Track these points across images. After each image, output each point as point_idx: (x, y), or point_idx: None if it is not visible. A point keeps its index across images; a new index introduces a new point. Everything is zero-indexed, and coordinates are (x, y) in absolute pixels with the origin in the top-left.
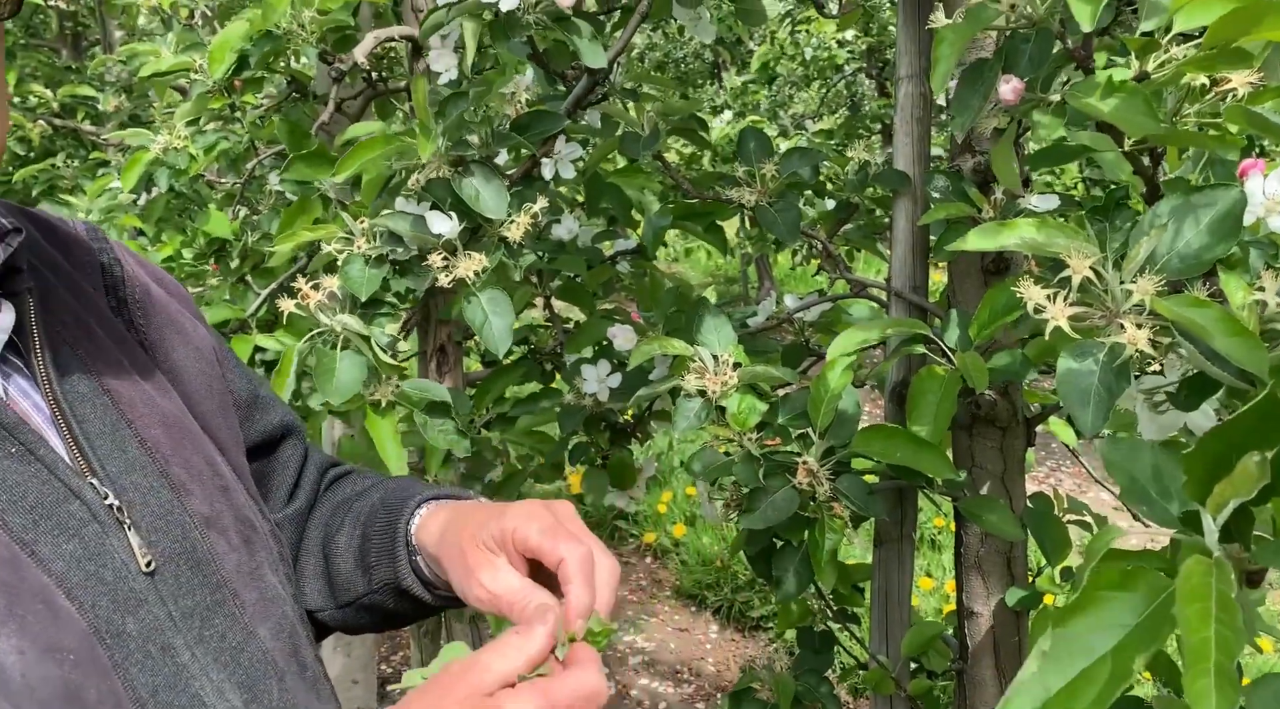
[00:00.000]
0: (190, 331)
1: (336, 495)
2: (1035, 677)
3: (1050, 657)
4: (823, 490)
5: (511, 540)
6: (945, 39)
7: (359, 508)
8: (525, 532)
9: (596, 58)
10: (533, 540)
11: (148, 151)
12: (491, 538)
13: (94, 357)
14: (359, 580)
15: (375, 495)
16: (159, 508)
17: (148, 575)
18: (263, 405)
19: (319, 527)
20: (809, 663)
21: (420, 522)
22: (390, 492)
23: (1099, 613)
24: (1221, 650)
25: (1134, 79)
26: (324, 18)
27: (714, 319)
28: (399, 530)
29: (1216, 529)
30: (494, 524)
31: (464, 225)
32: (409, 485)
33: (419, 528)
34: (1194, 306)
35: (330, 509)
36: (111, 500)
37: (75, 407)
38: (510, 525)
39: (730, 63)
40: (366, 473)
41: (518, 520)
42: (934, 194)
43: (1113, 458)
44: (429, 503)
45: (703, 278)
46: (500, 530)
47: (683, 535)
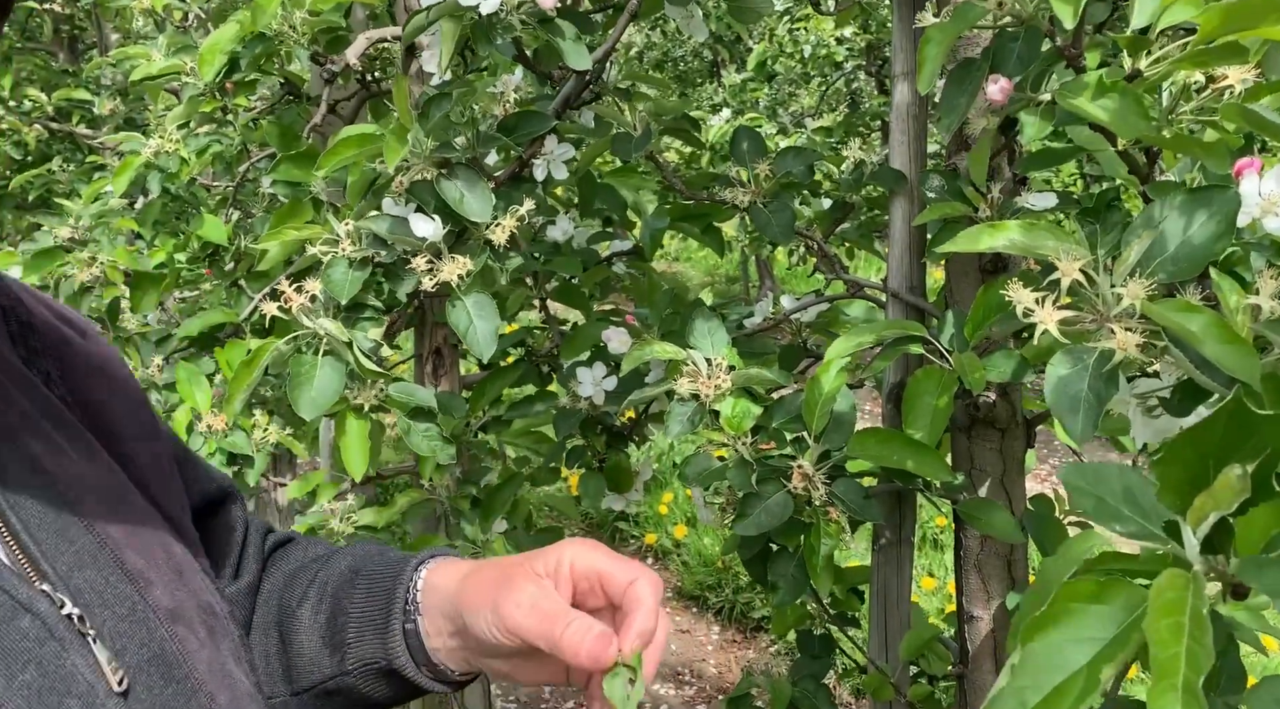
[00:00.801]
0: (116, 377)
1: (287, 564)
2: (1010, 690)
3: (1024, 670)
4: (818, 495)
5: (571, 568)
6: (932, 38)
7: (323, 577)
8: (589, 557)
9: (581, 59)
10: (600, 564)
11: (139, 155)
12: (543, 567)
13: (18, 427)
14: (325, 661)
15: (341, 562)
16: (122, 609)
17: (120, 696)
18: (195, 464)
19: (271, 601)
20: (807, 668)
21: (431, 573)
22: (364, 557)
23: (1074, 626)
24: (1191, 666)
25: (1126, 78)
26: (315, 19)
27: (707, 322)
28: (394, 595)
29: (1198, 542)
30: (549, 555)
31: (448, 228)
32: (386, 548)
33: (428, 581)
34: (1185, 312)
35: (284, 580)
36: (69, 609)
37: (7, 493)
38: (569, 553)
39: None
40: (314, 540)
41: (576, 547)
42: (929, 193)
43: (1075, 482)
44: (437, 558)
45: (703, 277)
46: (557, 559)
47: (684, 536)
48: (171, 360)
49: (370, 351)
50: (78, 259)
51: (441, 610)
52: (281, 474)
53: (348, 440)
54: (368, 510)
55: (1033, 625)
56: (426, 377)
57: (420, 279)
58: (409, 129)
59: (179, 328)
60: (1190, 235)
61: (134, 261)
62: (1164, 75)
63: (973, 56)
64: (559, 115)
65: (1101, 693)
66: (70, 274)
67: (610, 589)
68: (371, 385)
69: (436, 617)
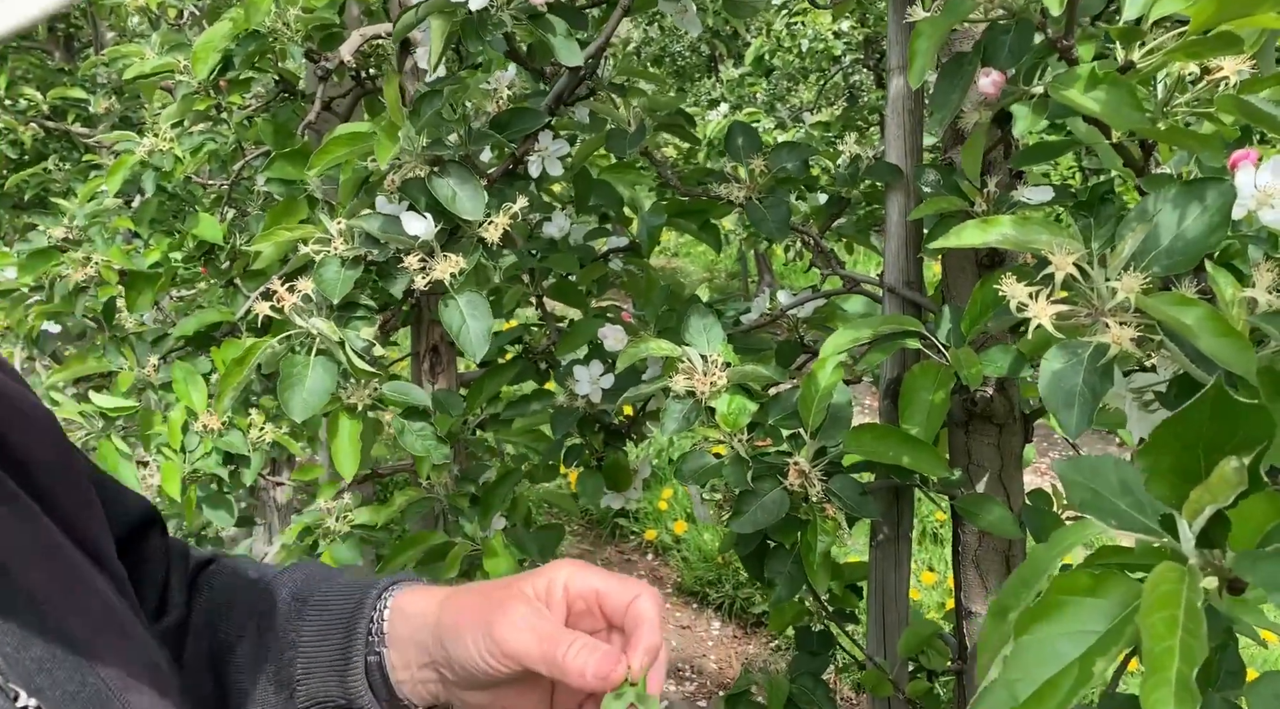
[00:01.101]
0: (22, 402)
1: (216, 593)
2: (1002, 683)
3: (1016, 662)
4: (815, 492)
5: (565, 589)
6: (923, 33)
7: (261, 608)
8: (585, 577)
9: (572, 55)
10: (597, 583)
11: (133, 154)
12: (533, 589)
13: None
14: (271, 700)
15: (281, 590)
16: (72, 688)
17: None
18: (114, 490)
19: (203, 638)
20: (805, 665)
21: (400, 599)
22: (309, 582)
23: (1068, 619)
24: (1184, 660)
25: (1119, 69)
26: (309, 16)
27: (702, 319)
28: (354, 626)
29: (1193, 536)
30: (539, 577)
31: (441, 226)
32: (333, 571)
33: (397, 608)
34: (1180, 305)
35: (215, 612)
36: (24, 700)
37: None
38: (561, 574)
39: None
40: (243, 561)
41: (569, 568)
42: (925, 188)
43: (1071, 477)
44: (403, 583)
45: (703, 272)
46: (548, 580)
47: (684, 532)
48: (168, 360)
49: (363, 351)
50: (72, 259)
51: (414, 639)
52: (279, 473)
53: (339, 441)
54: (364, 509)
55: (1026, 618)
56: (424, 374)
57: (413, 278)
58: (400, 127)
59: (175, 327)
60: (1185, 228)
61: (128, 261)
62: (1158, 67)
63: (965, 50)
64: (552, 112)
65: (1095, 686)
66: (65, 274)
67: (610, 608)
68: (365, 385)
69: (407, 646)
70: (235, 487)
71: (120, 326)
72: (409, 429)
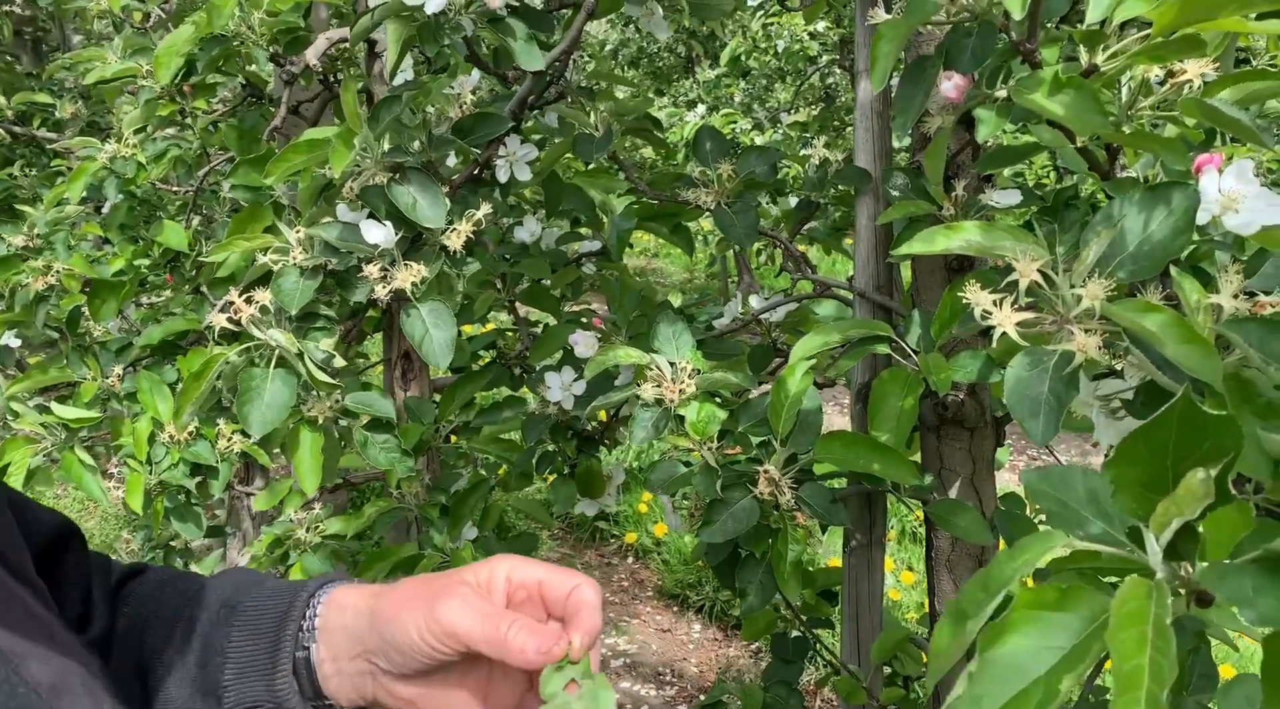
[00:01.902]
0: None
1: (142, 603)
2: (967, 698)
3: (982, 678)
4: (785, 500)
5: (507, 580)
6: (884, 35)
7: (190, 614)
8: (527, 567)
9: (532, 60)
10: (539, 572)
11: (95, 161)
12: (474, 577)
13: None
14: (198, 707)
15: (210, 598)
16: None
17: None
18: (27, 506)
19: (129, 649)
20: (779, 673)
21: (337, 593)
22: (239, 589)
23: (1034, 634)
24: (1154, 679)
25: (1082, 73)
26: (273, 19)
27: (670, 326)
28: (284, 628)
29: (1160, 549)
30: (480, 568)
31: (401, 234)
32: (264, 577)
33: (333, 600)
34: (1144, 312)
35: (141, 622)
36: None
37: None
38: (503, 566)
39: (704, 56)
40: (170, 571)
41: (511, 560)
42: (893, 192)
43: (1039, 487)
44: (338, 582)
45: (682, 273)
46: (489, 571)
47: (664, 535)
48: (135, 369)
49: (323, 362)
50: (32, 268)
51: (348, 629)
52: (252, 481)
53: (300, 455)
54: (336, 519)
55: (992, 633)
56: (396, 381)
57: (374, 287)
58: (357, 133)
59: (140, 336)
60: (1150, 233)
61: (90, 269)
62: (1121, 70)
63: (928, 53)
64: (516, 116)
65: (1062, 703)
66: (25, 283)
67: (551, 597)
68: (326, 397)
69: (338, 637)
70: (203, 498)
71: (84, 336)
72: (372, 442)
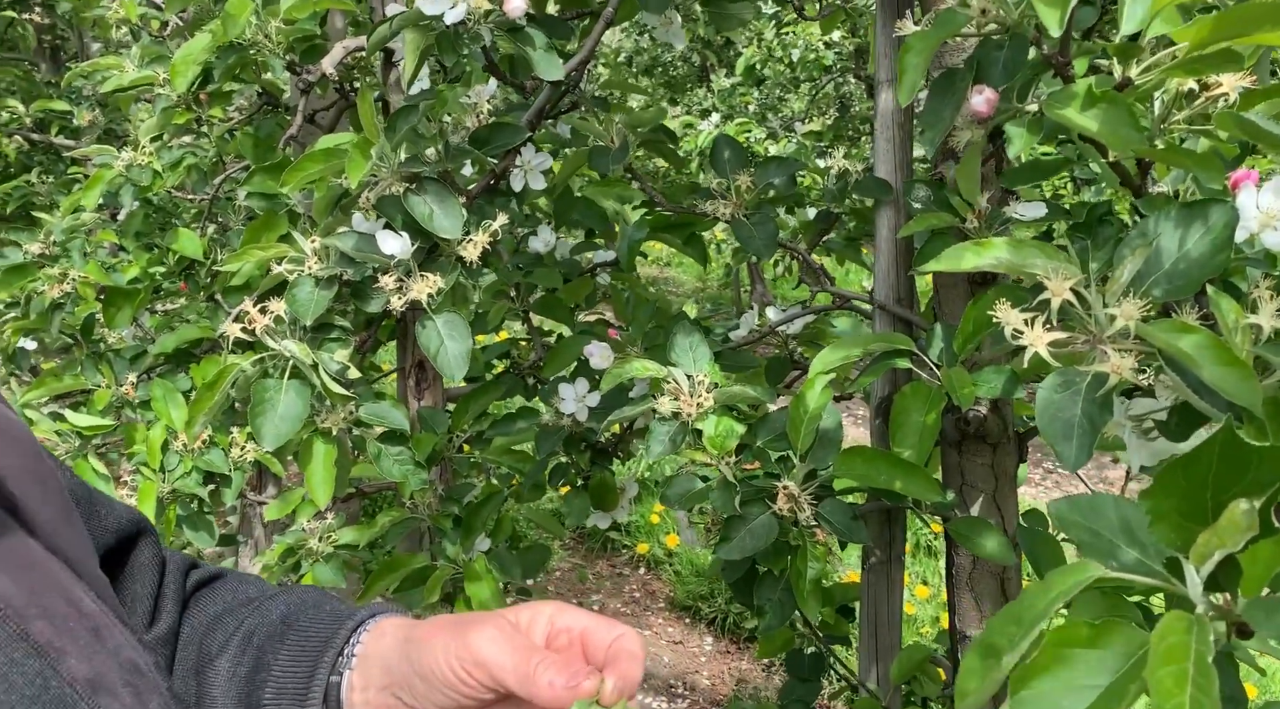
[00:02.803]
0: None
1: (213, 605)
2: None
3: None
4: (804, 516)
5: (550, 623)
6: (912, 47)
7: (250, 625)
8: (571, 614)
9: (552, 69)
10: (583, 619)
11: (111, 168)
12: (514, 617)
13: None
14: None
15: (274, 610)
16: (31, 692)
17: None
18: (101, 500)
19: (192, 647)
20: (796, 691)
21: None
22: (300, 607)
23: (1069, 672)
24: None
25: (1116, 87)
26: (290, 28)
27: (688, 337)
28: (324, 654)
29: (1201, 581)
30: (522, 610)
31: (418, 245)
32: (328, 598)
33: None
34: (1181, 333)
35: (207, 623)
36: None
37: None
38: (546, 610)
39: (718, 65)
40: (246, 575)
41: (555, 605)
42: (915, 204)
43: (1069, 516)
44: (389, 614)
45: (695, 282)
46: (531, 612)
47: (676, 546)
48: (149, 377)
49: (338, 373)
50: (48, 275)
51: (381, 658)
52: (265, 489)
53: (313, 466)
54: (348, 529)
55: (1024, 671)
56: (410, 391)
57: (389, 298)
58: (374, 142)
59: (154, 344)
60: (1186, 251)
61: (105, 277)
62: (1156, 84)
63: (956, 65)
64: (533, 126)
65: None
66: (41, 290)
67: (592, 644)
68: (340, 408)
69: (372, 666)
70: (215, 506)
71: (99, 343)
72: (386, 454)
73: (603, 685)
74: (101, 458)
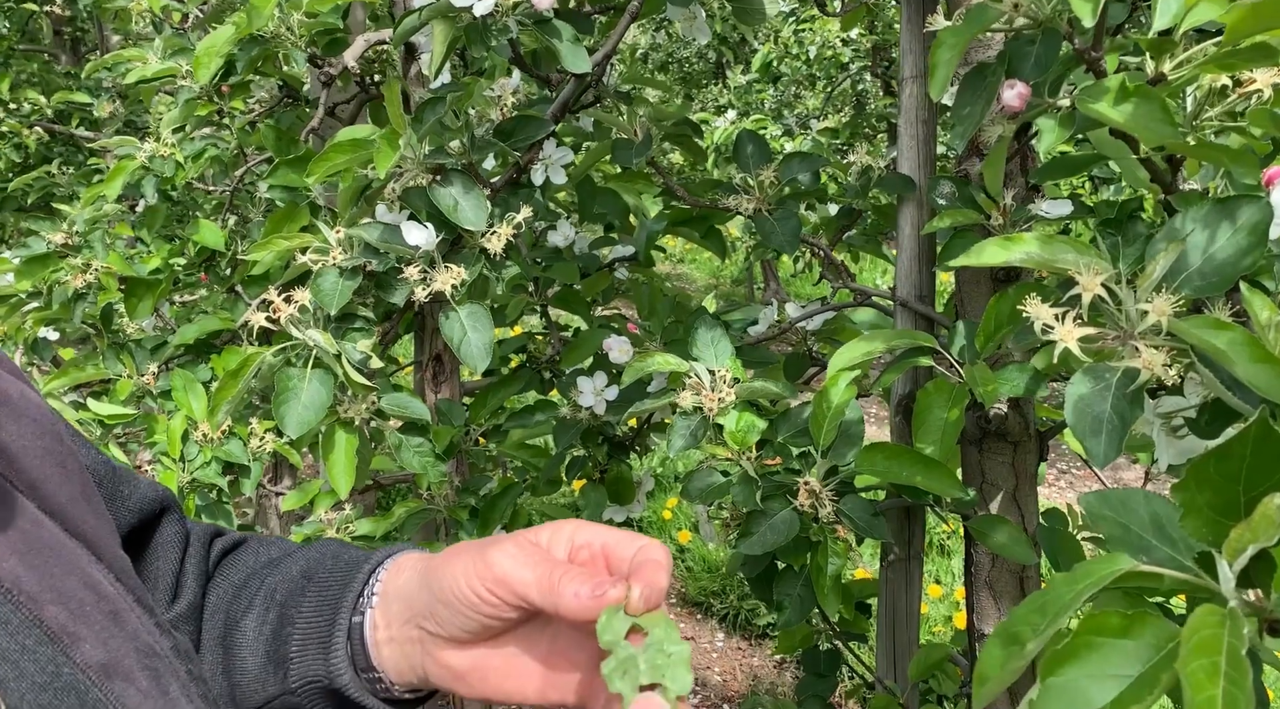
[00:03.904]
0: (17, 397)
1: (236, 572)
2: None
3: (1043, 707)
4: (825, 512)
5: (570, 540)
6: (944, 42)
7: (272, 583)
8: (592, 529)
9: (579, 62)
10: (604, 534)
11: (133, 160)
12: (534, 536)
13: None
14: (270, 679)
15: (294, 567)
16: (42, 679)
17: None
18: (125, 478)
19: (218, 615)
20: (812, 687)
21: (402, 558)
22: (319, 560)
23: (1097, 661)
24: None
25: (1149, 82)
26: (312, 21)
27: (710, 331)
28: (343, 597)
29: (1234, 576)
30: (543, 529)
31: (442, 236)
32: (346, 547)
33: (396, 564)
34: (1214, 329)
35: (232, 590)
36: None
37: None
38: (567, 527)
39: (734, 62)
40: (269, 540)
41: (576, 522)
42: (939, 200)
43: (1098, 510)
44: (408, 551)
45: (708, 279)
46: (551, 530)
47: (688, 542)
48: (168, 367)
49: (361, 363)
50: (71, 265)
51: (402, 593)
52: (281, 480)
53: (334, 456)
54: (365, 520)
55: (1053, 659)
56: (427, 383)
57: (413, 289)
58: (401, 134)
59: (175, 334)
60: (1218, 248)
61: (128, 268)
62: (1189, 79)
63: (987, 60)
64: (557, 119)
65: None
66: (64, 280)
67: (615, 557)
68: (362, 398)
69: (392, 602)
70: (234, 496)
71: (119, 333)
72: (407, 445)
73: (630, 593)
74: (121, 447)
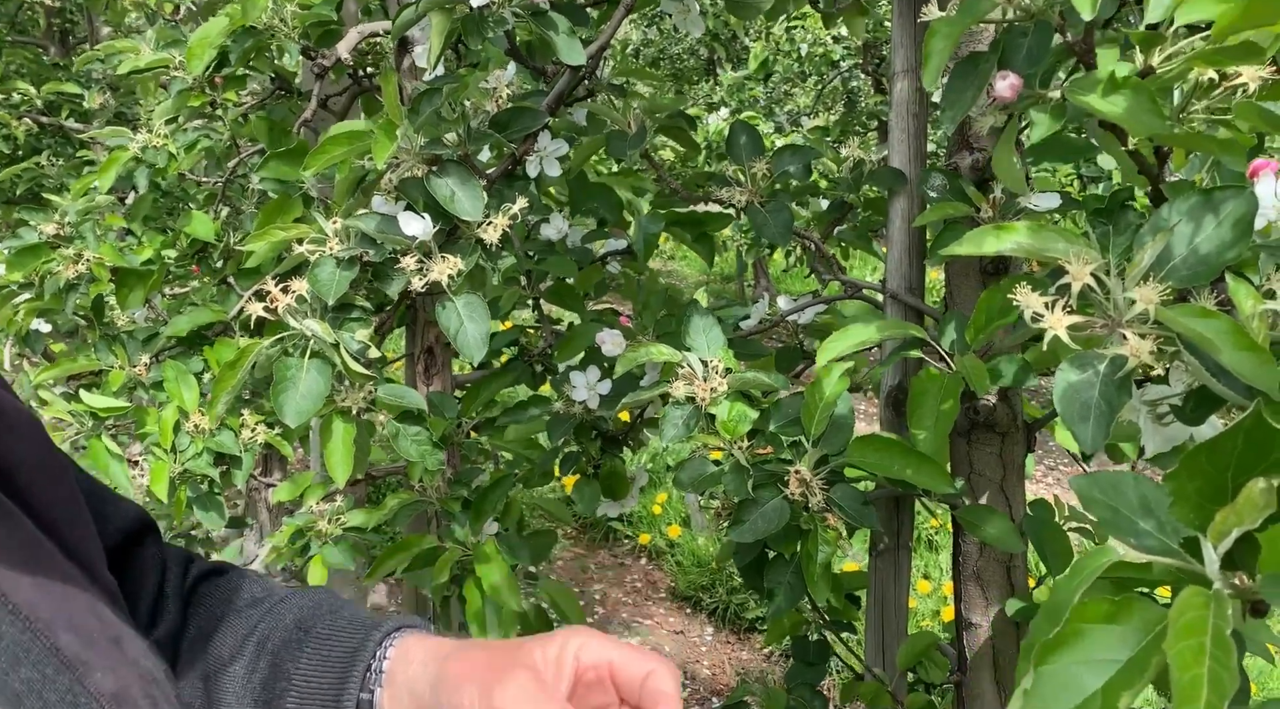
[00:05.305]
0: (10, 410)
1: (216, 604)
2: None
3: (1037, 694)
4: (815, 501)
5: (576, 658)
6: (938, 32)
7: (264, 630)
8: (599, 647)
9: (574, 54)
10: (612, 654)
11: (125, 151)
12: (542, 656)
13: None
14: None
15: (286, 615)
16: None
17: None
18: (108, 497)
19: (198, 649)
20: (801, 676)
21: (407, 642)
22: (314, 612)
23: (1088, 647)
24: (1214, 690)
25: (1138, 75)
26: (306, 13)
27: (703, 320)
28: (353, 665)
29: (1218, 558)
30: (550, 643)
31: (439, 227)
32: (341, 603)
33: (402, 650)
34: (1201, 317)
35: (213, 625)
36: None
37: None
38: (574, 642)
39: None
40: (249, 575)
41: (582, 636)
42: (930, 193)
43: (1090, 493)
44: (409, 629)
45: (698, 275)
46: (559, 646)
47: (678, 536)
48: (160, 359)
49: (358, 353)
50: (63, 256)
51: (411, 686)
52: (270, 473)
53: (332, 445)
54: (357, 512)
55: (1045, 647)
56: (419, 376)
57: (410, 279)
58: (398, 125)
59: (167, 326)
60: (1204, 238)
61: (120, 258)
62: (1178, 74)
63: (979, 50)
64: (552, 111)
65: None
66: (56, 271)
67: (623, 680)
68: (359, 388)
69: (401, 691)
70: (225, 487)
71: (111, 324)
72: (404, 433)
73: None
74: (115, 438)
